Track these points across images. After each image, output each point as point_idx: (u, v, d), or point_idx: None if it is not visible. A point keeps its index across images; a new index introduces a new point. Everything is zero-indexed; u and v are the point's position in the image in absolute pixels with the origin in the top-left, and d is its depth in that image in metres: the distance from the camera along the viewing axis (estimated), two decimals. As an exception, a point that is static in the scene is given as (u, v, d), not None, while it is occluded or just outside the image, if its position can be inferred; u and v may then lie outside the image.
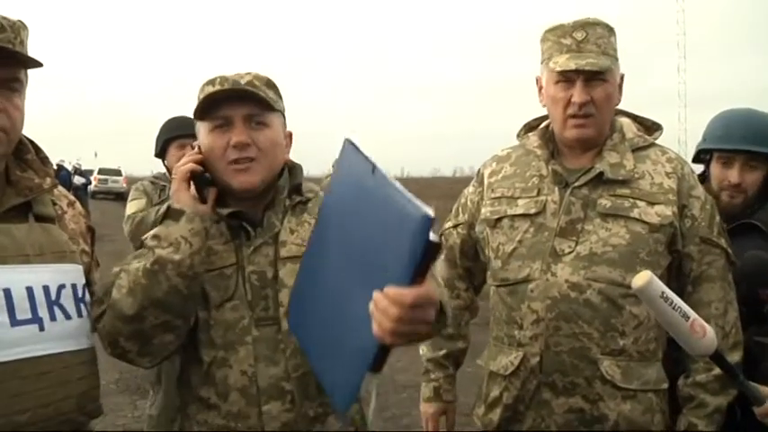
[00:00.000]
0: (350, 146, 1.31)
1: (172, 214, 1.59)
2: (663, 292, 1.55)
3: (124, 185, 28.76)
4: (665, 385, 1.91)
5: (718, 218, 1.95)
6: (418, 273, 1.08)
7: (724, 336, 1.86)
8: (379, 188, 1.17)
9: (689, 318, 1.55)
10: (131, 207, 3.37)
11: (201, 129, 1.68)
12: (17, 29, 1.50)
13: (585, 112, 1.87)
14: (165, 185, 3.42)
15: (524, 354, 1.89)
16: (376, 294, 1.10)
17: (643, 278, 1.56)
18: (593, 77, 1.86)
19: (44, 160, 1.66)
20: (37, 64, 1.54)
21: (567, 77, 1.87)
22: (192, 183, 1.65)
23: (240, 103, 1.63)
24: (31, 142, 1.66)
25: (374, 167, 1.20)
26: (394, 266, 1.10)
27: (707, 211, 1.92)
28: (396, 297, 1.08)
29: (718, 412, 1.87)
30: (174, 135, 3.46)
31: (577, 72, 1.85)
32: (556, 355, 1.84)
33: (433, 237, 1.05)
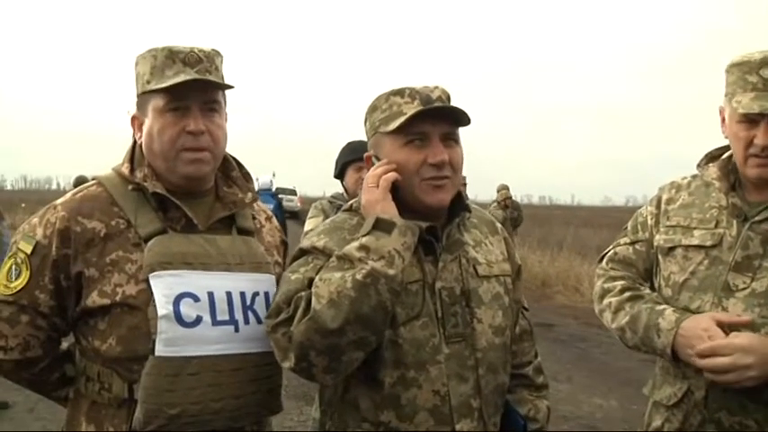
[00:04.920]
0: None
1: (382, 226, 1.53)
2: None
3: (299, 205, 29.81)
4: None
5: None
6: None
7: None
8: None
9: None
10: (310, 224, 3.61)
11: (389, 142, 1.64)
12: (211, 58, 1.69)
13: None
14: (341, 204, 3.65)
15: (689, 386, 1.84)
16: None
17: None
18: None
19: (246, 176, 1.83)
20: (229, 87, 1.71)
21: (749, 118, 1.78)
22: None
23: (437, 120, 1.60)
24: (235, 160, 1.84)
25: None
26: None
27: None
28: None
29: None
30: (352, 158, 3.68)
31: (762, 114, 1.75)
32: (723, 392, 1.77)
33: None
